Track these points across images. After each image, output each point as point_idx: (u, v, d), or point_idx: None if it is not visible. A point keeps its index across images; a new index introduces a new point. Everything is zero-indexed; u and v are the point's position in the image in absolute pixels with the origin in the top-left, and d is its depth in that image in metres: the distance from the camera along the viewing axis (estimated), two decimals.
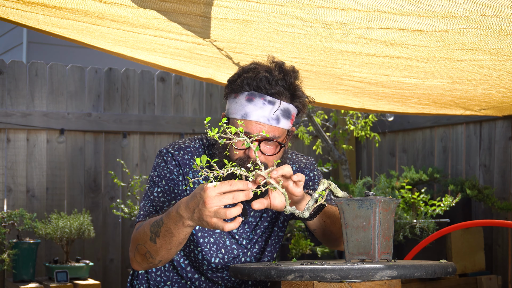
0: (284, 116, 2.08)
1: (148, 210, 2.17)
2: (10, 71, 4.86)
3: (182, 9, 2.11)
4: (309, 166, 2.37)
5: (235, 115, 2.08)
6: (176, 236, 1.93)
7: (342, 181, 5.35)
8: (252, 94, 2.06)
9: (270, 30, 2.30)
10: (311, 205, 1.86)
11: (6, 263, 3.97)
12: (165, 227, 1.94)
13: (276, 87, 2.05)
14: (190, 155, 2.24)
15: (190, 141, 2.29)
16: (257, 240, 2.29)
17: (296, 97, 2.11)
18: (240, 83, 2.08)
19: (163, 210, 2.16)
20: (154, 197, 2.19)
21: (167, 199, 2.18)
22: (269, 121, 2.05)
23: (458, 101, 3.59)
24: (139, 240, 2.05)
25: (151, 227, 1.99)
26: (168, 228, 1.93)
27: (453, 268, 1.79)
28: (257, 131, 2.04)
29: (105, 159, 5.13)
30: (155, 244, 1.99)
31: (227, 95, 2.15)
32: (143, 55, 3.03)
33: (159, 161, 2.24)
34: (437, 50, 2.36)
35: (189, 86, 5.46)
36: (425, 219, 3.96)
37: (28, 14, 2.34)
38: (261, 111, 2.05)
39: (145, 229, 2.03)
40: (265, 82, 2.05)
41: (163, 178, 2.20)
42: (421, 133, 5.20)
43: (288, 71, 2.10)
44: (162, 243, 1.97)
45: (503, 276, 4.47)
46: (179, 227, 1.90)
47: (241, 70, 2.13)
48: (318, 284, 1.70)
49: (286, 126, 2.10)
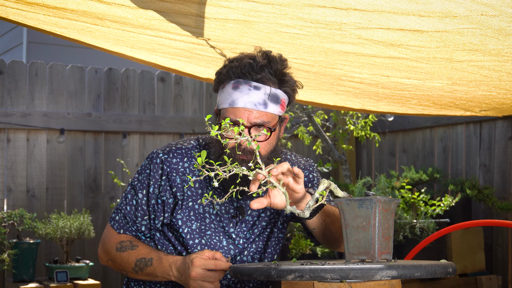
0: (272, 101, 2.08)
1: (122, 219, 2.29)
2: (10, 71, 4.86)
3: (181, 9, 2.11)
4: (308, 167, 2.37)
5: (224, 105, 2.10)
6: (159, 278, 2.17)
7: (342, 181, 5.35)
8: (238, 81, 2.08)
9: (270, 31, 2.30)
10: (312, 204, 1.86)
11: (6, 263, 3.97)
12: (152, 269, 2.16)
13: (262, 73, 2.07)
14: (180, 157, 2.24)
15: (184, 142, 2.29)
16: (254, 240, 2.28)
17: (284, 83, 2.12)
18: (226, 73, 2.10)
19: (135, 226, 2.27)
20: (130, 207, 2.26)
21: (140, 213, 2.26)
22: (256, 106, 2.06)
23: (458, 102, 3.59)
24: (119, 263, 2.25)
25: (137, 261, 2.19)
26: (155, 272, 2.16)
27: (453, 268, 1.79)
28: (245, 118, 2.05)
29: (105, 159, 5.13)
30: (137, 274, 2.20)
31: (217, 88, 2.17)
32: (143, 55, 3.04)
33: (147, 165, 2.27)
34: (437, 50, 2.36)
35: (189, 86, 5.47)
36: (425, 219, 3.96)
37: (28, 14, 2.34)
38: (247, 97, 2.06)
39: (130, 259, 2.21)
40: (250, 68, 2.07)
41: (144, 188, 2.26)
42: (421, 133, 5.20)
43: (274, 57, 2.11)
44: (143, 276, 2.20)
45: (503, 276, 4.47)
46: (165, 277, 2.14)
47: (227, 61, 2.15)
48: (318, 284, 1.70)
49: (275, 111, 2.10)
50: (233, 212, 2.24)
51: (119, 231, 2.28)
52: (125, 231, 2.27)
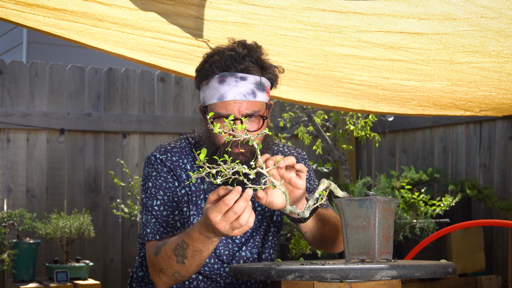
0: (259, 89, 2.09)
1: (154, 228, 2.15)
2: (10, 71, 4.86)
3: (180, 11, 2.11)
4: (300, 160, 2.37)
5: (211, 100, 2.09)
6: (206, 251, 1.96)
7: (342, 181, 5.36)
8: (223, 75, 2.07)
9: (270, 34, 2.31)
10: (312, 204, 1.86)
11: (6, 263, 3.97)
12: (192, 248, 1.96)
13: (244, 63, 2.07)
14: (178, 155, 2.23)
15: (176, 142, 2.28)
16: (251, 234, 2.29)
17: (265, 69, 2.12)
18: (209, 68, 2.09)
19: (170, 225, 2.15)
20: (157, 212, 2.16)
21: (169, 211, 2.17)
22: (245, 96, 2.06)
23: (458, 103, 3.59)
24: (163, 265, 2.05)
25: (175, 251, 2.00)
26: (196, 248, 1.95)
27: (453, 268, 1.79)
28: (236, 110, 2.05)
29: (105, 159, 5.13)
30: (184, 264, 2.00)
31: (199, 84, 2.16)
32: (143, 57, 3.04)
33: (150, 170, 2.22)
34: (437, 52, 2.36)
35: (189, 86, 5.47)
36: (425, 219, 3.96)
37: (28, 15, 2.34)
38: (236, 88, 2.06)
39: (167, 254, 2.03)
40: (232, 60, 2.06)
41: (160, 189, 2.18)
42: (421, 133, 5.20)
43: (252, 46, 2.11)
44: (191, 261, 1.99)
45: (503, 276, 4.48)
46: (209, 243, 1.93)
47: (206, 57, 2.14)
48: (318, 284, 1.70)
49: (263, 99, 2.11)
50: None
51: (155, 237, 2.15)
52: (161, 235, 2.14)
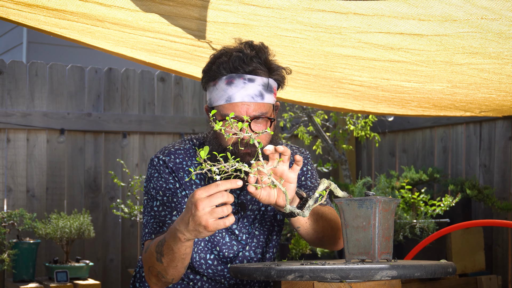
0: (267, 91, 2.08)
1: (152, 227, 2.15)
2: (10, 71, 4.86)
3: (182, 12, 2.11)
4: (303, 160, 2.35)
5: (219, 102, 2.08)
6: (177, 252, 1.90)
7: (342, 181, 5.36)
8: (231, 76, 2.06)
9: (270, 34, 2.31)
10: (312, 204, 1.86)
11: (6, 263, 3.97)
12: (166, 244, 1.91)
13: (252, 64, 2.06)
14: (182, 157, 2.22)
15: (180, 144, 2.27)
16: (255, 234, 2.28)
17: (273, 70, 2.11)
18: (216, 69, 2.08)
19: (167, 224, 2.14)
20: (155, 212, 2.17)
21: (167, 211, 2.16)
22: (253, 98, 2.05)
23: (458, 104, 3.59)
24: (149, 262, 2.03)
25: (156, 247, 1.98)
26: (169, 245, 1.90)
27: (453, 268, 1.79)
28: (244, 112, 2.05)
29: (105, 159, 5.13)
30: (162, 263, 1.97)
31: (206, 85, 2.15)
32: (143, 56, 3.04)
33: (152, 172, 2.22)
34: (437, 54, 2.36)
35: (189, 86, 5.47)
36: (425, 219, 3.97)
37: (29, 15, 2.34)
38: (244, 90, 2.05)
39: (151, 250, 2.01)
40: (240, 61, 2.05)
41: (160, 189, 2.18)
42: (421, 133, 5.21)
43: (259, 47, 2.10)
44: (167, 261, 1.95)
45: (503, 276, 4.48)
46: (177, 242, 1.86)
47: (213, 58, 2.13)
48: (318, 284, 1.70)
49: (271, 101, 2.10)
50: (235, 208, 2.24)
51: (151, 237, 2.13)
52: (156, 234, 2.12)
